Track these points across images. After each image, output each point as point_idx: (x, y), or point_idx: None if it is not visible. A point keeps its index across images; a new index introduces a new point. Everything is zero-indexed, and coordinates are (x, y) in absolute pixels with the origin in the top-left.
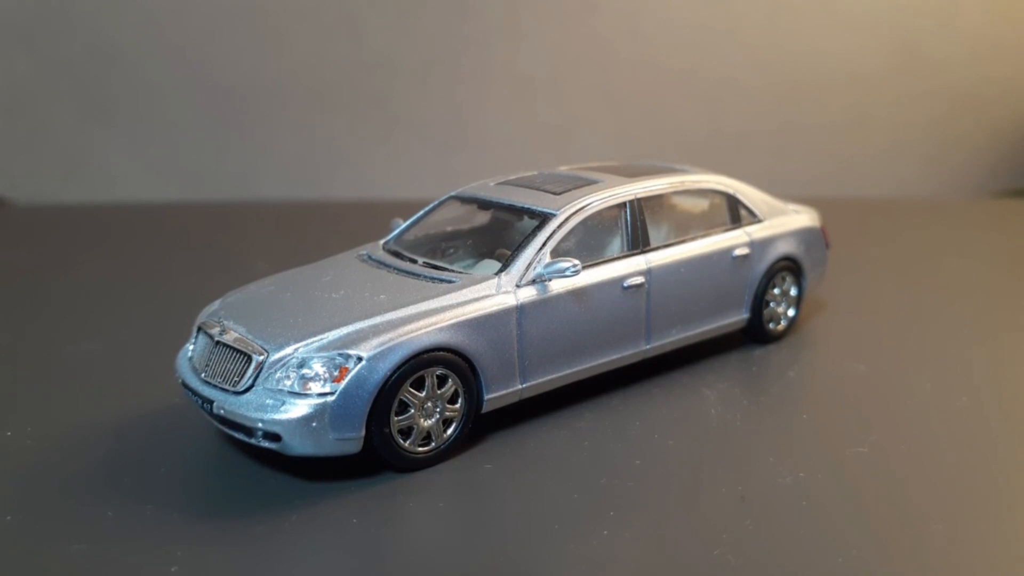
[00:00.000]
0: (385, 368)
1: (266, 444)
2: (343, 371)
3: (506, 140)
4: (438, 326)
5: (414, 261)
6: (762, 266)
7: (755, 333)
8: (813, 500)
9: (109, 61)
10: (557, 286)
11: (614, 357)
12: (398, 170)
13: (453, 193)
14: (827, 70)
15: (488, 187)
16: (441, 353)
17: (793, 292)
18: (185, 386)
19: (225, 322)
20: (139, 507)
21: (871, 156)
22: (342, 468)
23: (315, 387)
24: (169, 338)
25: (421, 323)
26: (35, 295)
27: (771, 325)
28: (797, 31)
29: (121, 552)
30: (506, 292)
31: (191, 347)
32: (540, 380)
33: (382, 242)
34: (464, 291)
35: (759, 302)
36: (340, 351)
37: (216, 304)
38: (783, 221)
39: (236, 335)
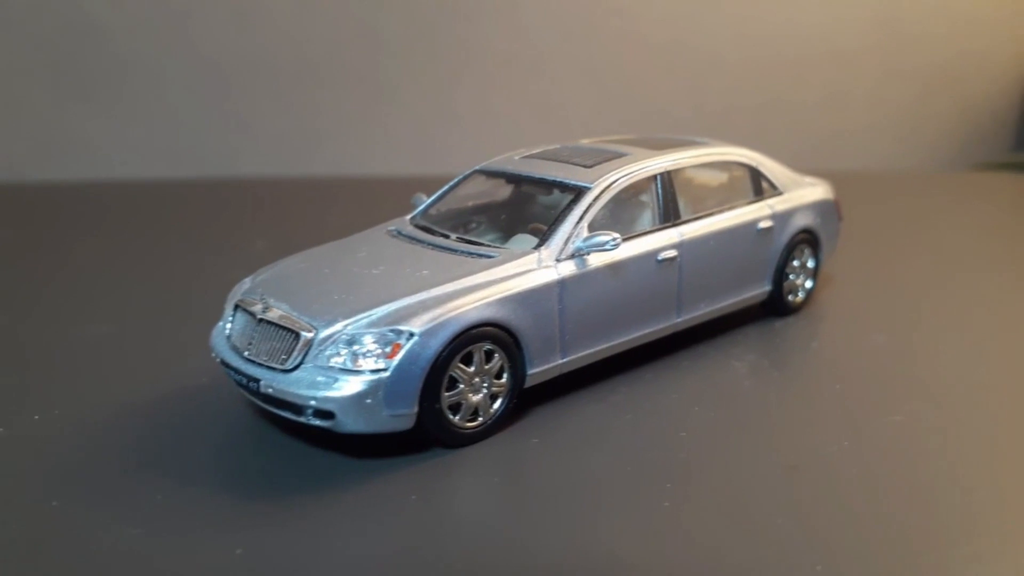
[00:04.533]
0: (437, 344)
1: (316, 422)
2: (396, 347)
3: (490, 115)
4: (485, 301)
5: (447, 236)
6: (784, 239)
7: (775, 305)
8: (863, 468)
9: (85, 35)
10: (595, 260)
11: (647, 331)
12: (382, 146)
13: (478, 167)
14: (807, 45)
15: (514, 161)
16: (489, 328)
17: (810, 264)
18: (225, 365)
19: (267, 299)
20: (187, 489)
21: (849, 131)
22: (388, 445)
23: (368, 364)
24: (179, 318)
25: (468, 298)
26: (29, 276)
27: (790, 297)
28: (779, 6)
29: (180, 534)
30: (547, 266)
31: (228, 325)
32: (579, 354)
33: (409, 217)
34: (506, 266)
35: (780, 274)
36: (391, 327)
37: (248, 281)
38: (802, 194)
39: (280, 312)
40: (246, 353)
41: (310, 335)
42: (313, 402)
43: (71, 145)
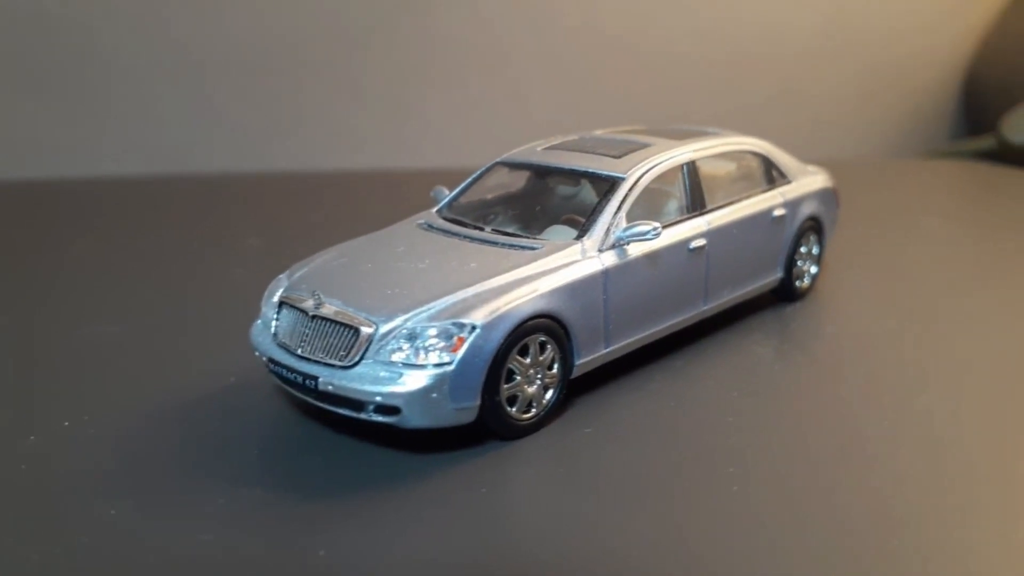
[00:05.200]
0: (497, 336)
1: (378, 418)
2: (459, 340)
3: (450, 107)
4: (539, 292)
5: (481, 229)
6: (794, 226)
7: (785, 291)
8: (908, 447)
9: (37, 27)
10: (634, 250)
11: (678, 319)
12: (350, 139)
13: (500, 159)
14: (761, 40)
15: (536, 152)
16: (543, 319)
17: (815, 251)
18: (274, 363)
19: (319, 295)
20: (246, 491)
21: (800, 123)
22: (442, 440)
23: (431, 357)
24: (187, 317)
25: (523, 290)
26: (19, 277)
27: (797, 283)
28: (732, 1)
29: (255, 538)
30: (591, 257)
31: (273, 323)
32: (621, 344)
33: (435, 210)
34: (552, 257)
35: (790, 261)
36: (453, 320)
37: (284, 278)
38: (807, 182)
39: (335, 308)
40: (299, 351)
41: (370, 330)
42: (379, 398)
43: (22, 141)
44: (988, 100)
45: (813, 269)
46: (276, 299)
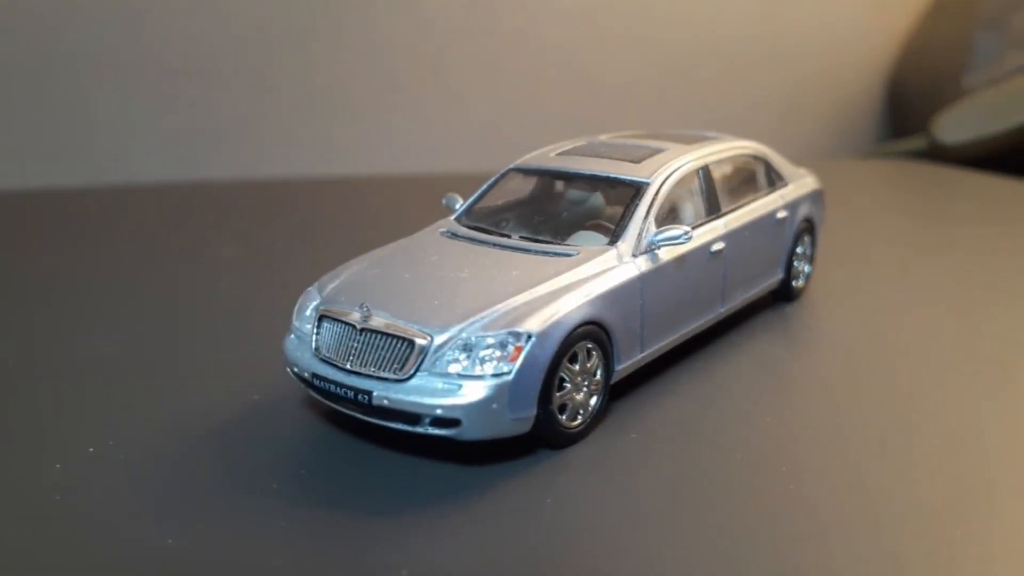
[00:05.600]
0: (551, 344)
1: (435, 431)
2: (516, 350)
3: (389, 112)
4: (587, 299)
5: (508, 236)
6: (793, 227)
7: (784, 292)
8: (944, 435)
9: None
10: (664, 254)
11: (701, 322)
12: (279, 146)
13: (513, 166)
14: (693, 42)
15: (551, 158)
16: (590, 326)
17: (808, 251)
18: (318, 378)
19: (367, 307)
20: (306, 512)
21: (730, 124)
22: (488, 451)
23: (488, 368)
24: (186, 331)
25: (570, 297)
26: None
27: (795, 283)
28: (666, 4)
29: (330, 560)
30: (626, 262)
31: (314, 337)
32: (654, 348)
33: (453, 218)
34: (591, 264)
35: (789, 261)
36: (509, 329)
37: (314, 291)
38: (801, 184)
39: (384, 320)
40: (348, 365)
41: (425, 342)
42: (439, 411)
43: None
44: (911, 103)
45: (807, 269)
46: (312, 313)
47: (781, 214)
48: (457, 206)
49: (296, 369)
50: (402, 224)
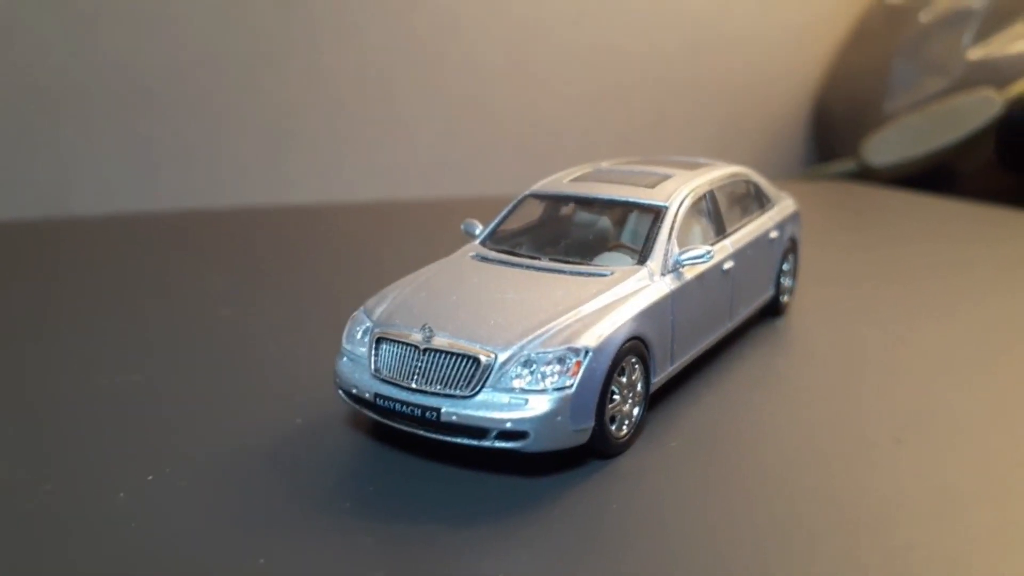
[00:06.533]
0: (605, 358)
1: (501, 445)
2: (576, 364)
3: (336, 140)
4: (631, 315)
5: (537, 258)
6: (781, 246)
7: (771, 307)
8: (947, 435)
9: None
10: (688, 272)
11: (714, 337)
12: (225, 174)
13: (529, 192)
14: (629, 71)
15: (565, 184)
16: (635, 341)
17: (792, 268)
18: (381, 398)
19: (429, 327)
20: (390, 527)
21: (668, 150)
22: (541, 464)
23: (551, 382)
24: (204, 360)
25: (616, 314)
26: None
27: (783, 298)
28: (604, 33)
29: (430, 570)
30: (657, 281)
31: (373, 359)
32: (679, 362)
33: (478, 243)
34: (627, 283)
35: (778, 278)
36: (567, 345)
37: (362, 315)
38: (785, 205)
39: (447, 340)
40: (413, 384)
41: (489, 359)
42: (509, 424)
43: None
44: (836, 127)
45: (789, 284)
46: (362, 335)
47: (773, 234)
48: (477, 231)
49: (355, 390)
50: (365, 252)
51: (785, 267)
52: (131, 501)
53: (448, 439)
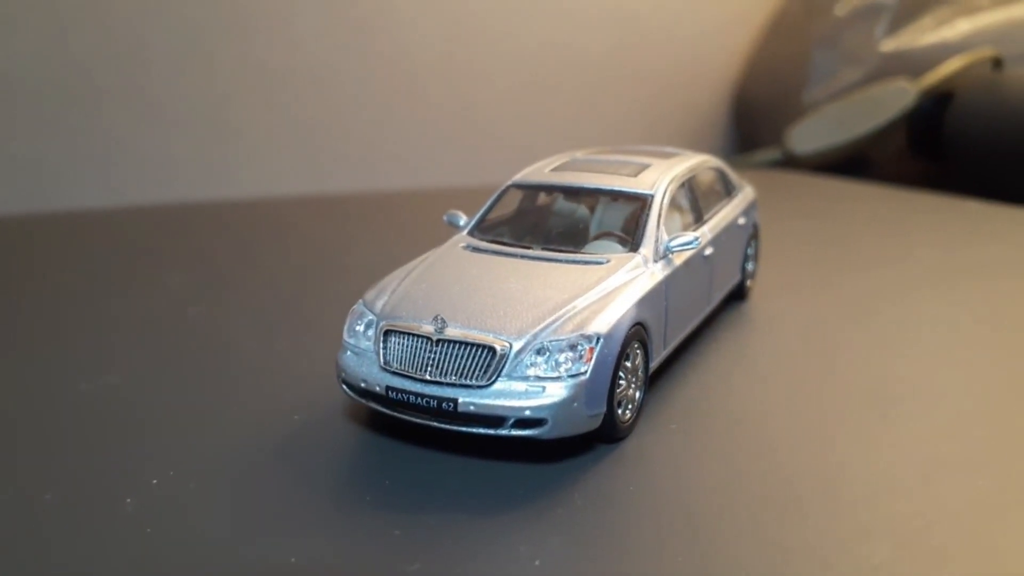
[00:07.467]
0: (614, 344)
1: (518, 433)
2: (590, 351)
3: (266, 133)
4: (634, 302)
5: (529, 247)
6: (747, 232)
7: (737, 291)
8: (929, 408)
9: None
10: (676, 258)
11: (697, 320)
12: (154, 169)
13: (512, 182)
14: (558, 65)
15: (547, 174)
16: (638, 327)
17: (754, 253)
18: (393, 391)
19: (441, 318)
20: (416, 518)
21: (594, 141)
22: (549, 451)
23: (565, 369)
24: (182, 362)
25: (621, 301)
26: None
27: (748, 283)
28: (533, 28)
29: (467, 556)
30: (650, 267)
31: (380, 351)
32: (671, 346)
33: (466, 233)
34: (624, 270)
35: (744, 264)
36: (579, 332)
37: (363, 308)
38: (746, 193)
39: (459, 331)
40: (427, 375)
41: (504, 348)
42: (527, 412)
43: None
44: (756, 117)
45: (752, 268)
46: (365, 328)
47: (741, 220)
48: (462, 222)
49: (364, 384)
50: (312, 245)
51: (749, 251)
52: (141, 507)
53: (464, 429)
